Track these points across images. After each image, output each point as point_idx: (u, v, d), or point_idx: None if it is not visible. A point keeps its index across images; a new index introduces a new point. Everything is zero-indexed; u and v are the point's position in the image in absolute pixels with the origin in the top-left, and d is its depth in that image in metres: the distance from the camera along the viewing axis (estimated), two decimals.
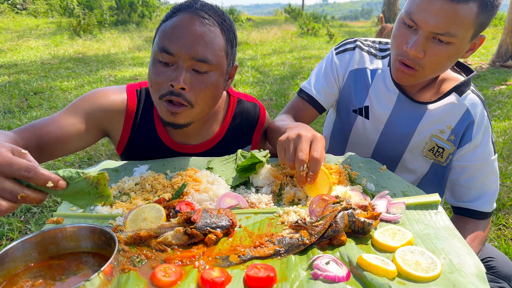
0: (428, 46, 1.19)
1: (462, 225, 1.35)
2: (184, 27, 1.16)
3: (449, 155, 1.38)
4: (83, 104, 1.28)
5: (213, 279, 0.74)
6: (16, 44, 9.73)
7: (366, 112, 1.48)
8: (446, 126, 1.37)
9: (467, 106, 1.35)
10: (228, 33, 1.24)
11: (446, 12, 1.12)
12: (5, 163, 0.70)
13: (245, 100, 1.52)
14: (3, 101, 5.00)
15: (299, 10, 24.87)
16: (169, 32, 1.17)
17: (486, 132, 1.36)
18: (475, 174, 1.37)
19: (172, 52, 1.15)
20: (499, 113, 4.96)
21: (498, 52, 8.53)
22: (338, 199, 1.01)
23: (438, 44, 1.18)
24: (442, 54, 1.19)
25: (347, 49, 1.53)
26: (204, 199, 1.06)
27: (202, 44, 1.16)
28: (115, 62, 8.38)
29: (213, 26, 1.19)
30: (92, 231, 0.78)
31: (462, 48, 1.20)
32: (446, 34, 1.14)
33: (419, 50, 1.18)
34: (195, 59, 1.16)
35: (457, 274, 0.77)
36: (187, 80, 1.17)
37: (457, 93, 1.36)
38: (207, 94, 1.22)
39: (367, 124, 1.49)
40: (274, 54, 10.36)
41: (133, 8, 15.75)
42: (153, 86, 1.22)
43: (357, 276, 0.78)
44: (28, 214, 2.57)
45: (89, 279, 0.62)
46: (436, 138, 1.38)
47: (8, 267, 0.71)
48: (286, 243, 0.87)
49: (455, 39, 1.15)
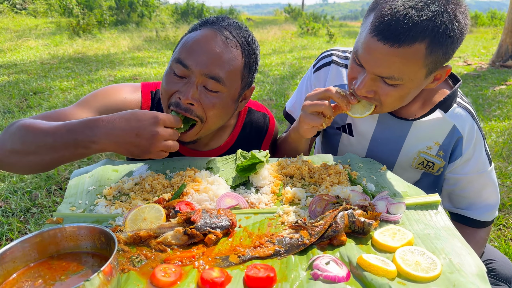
0: (377, 86, 1.14)
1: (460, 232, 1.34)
2: (204, 42, 1.15)
3: (440, 168, 1.35)
4: (95, 100, 1.27)
5: (213, 279, 0.74)
6: (15, 44, 9.73)
7: (350, 129, 1.44)
8: (433, 143, 1.32)
9: (453, 123, 1.29)
10: (248, 57, 1.22)
11: (388, 57, 1.05)
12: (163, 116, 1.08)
13: (255, 110, 1.53)
14: (3, 101, 5.00)
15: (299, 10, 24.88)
16: (188, 45, 1.16)
17: (478, 144, 1.31)
18: (469, 185, 1.34)
19: (187, 65, 1.15)
20: (499, 113, 4.96)
21: (498, 52, 8.53)
22: (338, 199, 1.01)
23: (386, 85, 1.13)
24: (393, 94, 1.14)
25: (324, 64, 1.48)
26: (204, 199, 1.06)
27: (218, 62, 1.15)
28: (114, 62, 8.38)
29: (234, 47, 1.18)
30: (91, 231, 0.78)
31: (416, 86, 1.14)
32: (391, 78, 1.09)
33: (365, 90, 1.14)
34: (207, 76, 1.15)
35: (457, 274, 0.77)
36: (196, 96, 1.17)
37: (442, 109, 1.30)
38: (215, 113, 1.21)
39: (352, 140, 1.45)
40: (274, 54, 10.36)
41: (132, 8, 15.76)
42: (163, 94, 1.23)
43: (357, 276, 0.77)
44: (28, 214, 2.57)
45: (89, 279, 0.62)
46: (424, 154, 1.34)
47: (7, 267, 0.71)
48: (286, 243, 0.86)
49: (402, 81, 1.10)
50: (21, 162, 1.07)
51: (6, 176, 3.05)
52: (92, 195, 1.11)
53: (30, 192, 2.81)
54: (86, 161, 3.38)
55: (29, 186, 2.88)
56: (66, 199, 1.09)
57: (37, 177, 3.03)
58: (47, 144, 1.04)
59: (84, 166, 3.22)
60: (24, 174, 3.01)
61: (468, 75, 7.71)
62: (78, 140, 1.03)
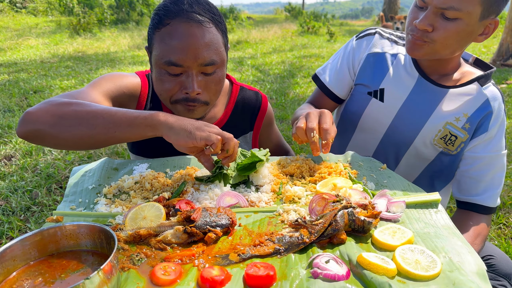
0: (436, 21, 1.24)
1: (466, 220, 1.36)
2: (185, 36, 1.16)
3: (461, 143, 1.38)
4: (105, 83, 1.31)
5: (212, 277, 0.74)
6: (15, 43, 9.73)
7: (381, 95, 1.49)
8: (462, 114, 1.37)
9: (487, 96, 1.37)
10: (221, 26, 1.26)
11: None
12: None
13: (247, 89, 1.58)
14: (3, 99, 5.00)
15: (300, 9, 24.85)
16: (171, 44, 1.17)
17: (502, 125, 1.38)
18: (486, 167, 1.38)
19: (181, 64, 1.18)
20: None
21: (498, 51, 8.52)
22: (338, 197, 1.01)
23: (446, 20, 1.22)
24: (451, 29, 1.23)
25: (368, 34, 1.57)
26: (204, 197, 1.06)
27: (206, 48, 1.19)
28: (114, 61, 8.37)
29: (209, 25, 1.21)
30: (91, 230, 0.78)
31: (471, 25, 1.23)
32: (450, 8, 1.19)
33: (426, 23, 1.24)
34: (202, 65, 1.19)
35: (457, 272, 0.77)
36: (200, 84, 1.22)
37: (479, 83, 1.38)
38: (218, 90, 1.29)
39: (381, 107, 1.49)
40: (274, 52, 10.35)
41: (132, 7, 15.75)
42: (162, 94, 1.26)
43: (357, 275, 0.77)
44: (28, 213, 2.57)
45: (89, 277, 0.62)
46: (450, 126, 1.38)
47: (7, 265, 0.71)
48: (286, 242, 0.86)
49: (461, 13, 1.19)
50: (70, 133, 1.05)
51: (7, 175, 3.05)
52: (92, 194, 1.11)
53: (30, 191, 2.82)
54: (86, 160, 3.38)
55: (29, 185, 2.88)
56: (66, 198, 1.09)
57: (37, 176, 3.03)
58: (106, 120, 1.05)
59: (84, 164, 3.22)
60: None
61: None
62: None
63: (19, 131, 1.07)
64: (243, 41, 12.24)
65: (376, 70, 1.50)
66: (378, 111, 1.49)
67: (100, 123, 1.05)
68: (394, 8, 16.15)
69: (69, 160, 3.32)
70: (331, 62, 1.63)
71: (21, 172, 3.08)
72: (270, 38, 13.35)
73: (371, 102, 1.50)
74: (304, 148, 3.73)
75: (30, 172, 3.10)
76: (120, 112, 1.07)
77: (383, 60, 1.50)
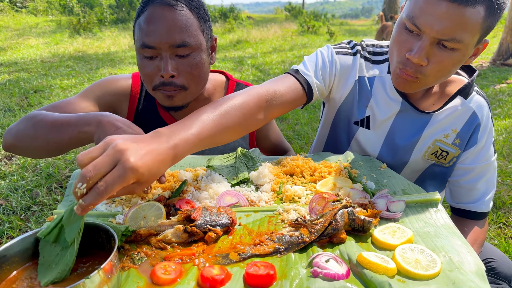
0: (432, 53, 1.11)
1: (461, 227, 1.33)
2: (157, 19, 1.20)
3: (453, 158, 1.34)
4: (95, 89, 1.39)
5: (213, 276, 0.74)
6: (16, 42, 9.73)
7: (368, 123, 1.41)
8: (451, 130, 1.32)
9: (473, 108, 1.30)
10: (197, 11, 1.27)
11: (453, 16, 1.04)
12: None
13: (244, 85, 1.57)
14: (3, 99, 5.00)
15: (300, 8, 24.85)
16: (144, 27, 1.22)
17: (490, 134, 1.33)
18: (476, 176, 1.34)
19: (153, 46, 1.21)
20: (500, 112, 4.96)
21: (498, 50, 8.52)
22: (338, 197, 1.01)
23: (443, 50, 1.10)
24: (447, 60, 1.11)
25: (348, 53, 1.40)
26: (204, 197, 1.06)
27: (177, 30, 1.21)
28: (115, 60, 8.37)
29: (182, 9, 1.23)
30: (92, 229, 0.78)
31: (467, 54, 1.13)
32: (452, 40, 1.07)
33: (422, 57, 1.11)
34: (175, 46, 1.21)
35: (457, 272, 0.77)
36: (174, 66, 1.24)
37: (462, 96, 1.31)
38: (196, 74, 1.28)
39: (368, 134, 1.41)
40: (274, 52, 10.35)
41: (132, 6, 15.75)
42: (145, 80, 1.29)
43: (356, 274, 0.78)
44: (28, 212, 2.57)
45: (89, 276, 0.62)
46: (440, 143, 1.33)
47: (8, 264, 0.72)
48: (286, 241, 0.87)
49: (460, 45, 1.08)
50: (32, 146, 1.17)
51: (7, 174, 3.05)
52: None
53: (30, 190, 2.82)
54: None
55: (30, 185, 2.89)
56: (66, 197, 1.09)
57: (38, 175, 3.03)
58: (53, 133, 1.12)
59: None
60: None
61: None
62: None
63: (3, 147, 1.23)
64: (243, 41, 12.23)
65: (361, 98, 1.40)
66: (366, 139, 1.43)
67: (42, 130, 1.12)
68: (394, 8, 16.14)
69: (69, 159, 3.32)
70: (309, 61, 1.38)
71: (22, 172, 3.09)
72: (270, 38, 13.35)
73: (358, 132, 1.43)
74: (304, 147, 3.73)
75: (31, 171, 3.10)
76: (64, 116, 1.12)
77: (365, 85, 1.38)
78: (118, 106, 1.44)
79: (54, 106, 1.29)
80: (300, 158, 1.30)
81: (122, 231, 0.85)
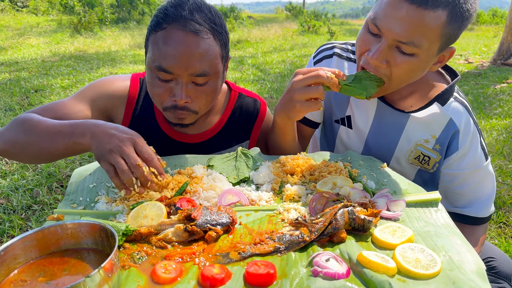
0: (391, 56, 1.11)
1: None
2: (178, 43, 1.14)
3: (436, 163, 1.34)
4: (90, 91, 1.34)
5: (213, 275, 0.74)
6: (16, 42, 9.73)
7: (349, 122, 1.43)
8: (430, 136, 1.32)
9: (450, 116, 1.29)
10: (220, 37, 1.22)
11: (412, 19, 1.04)
12: (142, 143, 1.00)
13: (246, 96, 1.54)
14: (4, 98, 5.00)
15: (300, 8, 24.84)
16: (163, 49, 1.15)
17: (474, 139, 1.30)
18: (466, 182, 1.33)
19: (170, 72, 1.16)
20: (500, 111, 4.95)
21: (499, 50, 8.51)
22: (338, 196, 1.01)
23: (401, 54, 1.11)
24: (405, 65, 1.12)
25: (325, 56, 1.45)
26: (212, 196, 1.06)
27: (199, 59, 1.16)
28: (115, 60, 8.37)
29: (206, 35, 1.17)
30: (92, 228, 0.78)
31: (427, 61, 1.13)
32: (410, 43, 1.07)
33: (380, 59, 1.11)
34: (193, 75, 1.17)
35: (457, 271, 0.77)
36: (189, 93, 1.20)
37: (439, 102, 1.30)
38: (209, 100, 1.27)
39: (351, 133, 1.44)
40: (274, 52, 10.34)
41: (133, 6, 15.75)
42: (154, 98, 1.25)
43: (357, 273, 0.78)
44: (29, 212, 2.58)
45: (90, 275, 0.62)
46: (421, 147, 1.33)
47: (8, 263, 0.72)
48: (286, 240, 0.87)
49: (419, 50, 1.08)
50: (24, 153, 1.13)
51: (8, 173, 3.06)
52: (93, 192, 1.11)
53: (31, 190, 2.82)
54: (87, 159, 3.38)
55: (30, 184, 2.89)
56: (67, 196, 1.09)
57: (38, 174, 3.03)
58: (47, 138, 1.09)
59: (85, 164, 3.22)
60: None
61: (469, 73, 7.69)
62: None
63: None
64: (244, 40, 12.23)
65: (340, 97, 1.43)
66: (349, 138, 1.45)
67: (37, 137, 1.09)
68: None
69: (70, 159, 3.32)
70: None
71: (22, 171, 3.09)
72: (271, 37, 13.34)
73: (340, 130, 1.46)
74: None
75: (31, 170, 3.11)
76: (57, 123, 1.09)
77: None
78: (114, 110, 1.38)
79: (45, 109, 1.24)
80: (300, 158, 1.30)
81: (123, 230, 0.85)
